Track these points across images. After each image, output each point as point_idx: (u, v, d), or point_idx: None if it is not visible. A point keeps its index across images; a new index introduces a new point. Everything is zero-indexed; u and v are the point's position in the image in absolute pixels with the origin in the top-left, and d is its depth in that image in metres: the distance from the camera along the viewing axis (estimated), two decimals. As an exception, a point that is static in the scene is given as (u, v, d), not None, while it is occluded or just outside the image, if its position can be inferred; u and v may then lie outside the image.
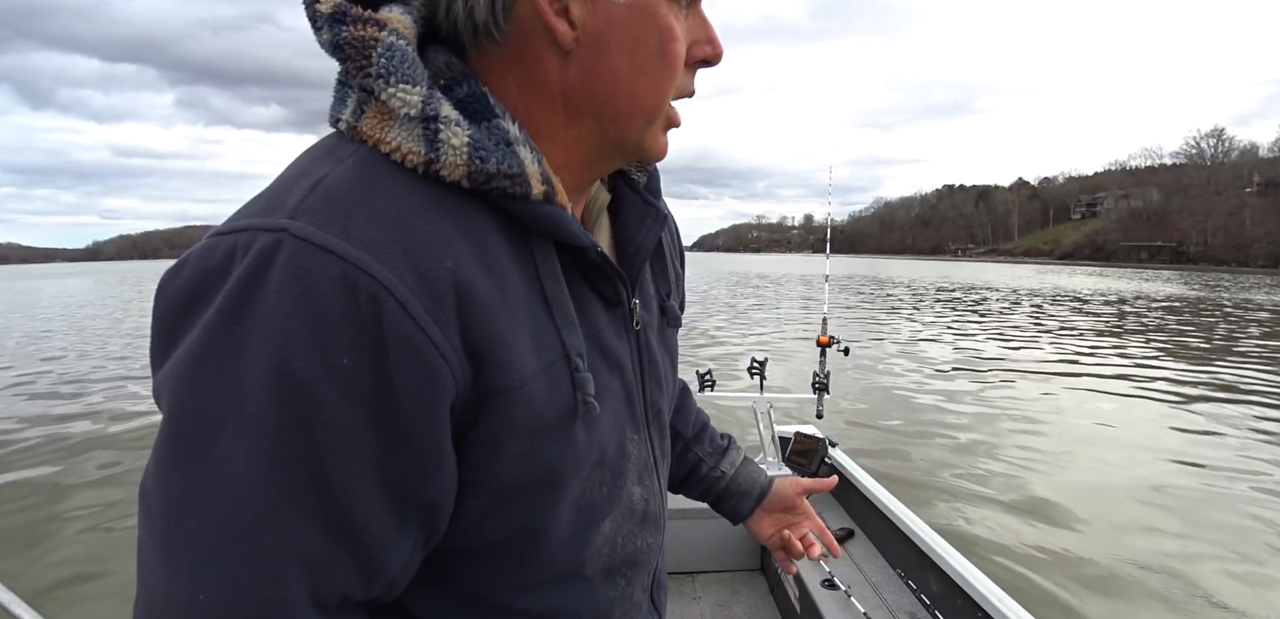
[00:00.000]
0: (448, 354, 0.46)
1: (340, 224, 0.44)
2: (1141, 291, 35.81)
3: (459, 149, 0.48)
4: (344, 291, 0.42)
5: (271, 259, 0.43)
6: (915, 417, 8.02)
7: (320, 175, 0.47)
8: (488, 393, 0.49)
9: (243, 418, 0.42)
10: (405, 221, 0.46)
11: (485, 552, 0.55)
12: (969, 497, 5.52)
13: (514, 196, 0.50)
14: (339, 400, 0.43)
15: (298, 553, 0.44)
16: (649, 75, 0.54)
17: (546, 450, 0.53)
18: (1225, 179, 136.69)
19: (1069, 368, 11.68)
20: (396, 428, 0.45)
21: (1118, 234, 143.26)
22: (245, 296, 0.42)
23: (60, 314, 23.66)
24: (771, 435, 3.60)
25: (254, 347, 0.42)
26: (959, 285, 38.89)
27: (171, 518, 0.44)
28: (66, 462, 6.47)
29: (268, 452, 0.43)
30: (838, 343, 3.51)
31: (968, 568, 2.18)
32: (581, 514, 0.58)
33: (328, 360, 0.42)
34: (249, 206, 0.47)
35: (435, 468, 0.48)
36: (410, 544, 0.50)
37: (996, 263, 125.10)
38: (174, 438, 0.44)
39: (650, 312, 0.69)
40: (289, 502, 0.43)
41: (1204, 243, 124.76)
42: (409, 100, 0.48)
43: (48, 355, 13.52)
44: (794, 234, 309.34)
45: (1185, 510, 5.31)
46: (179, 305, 0.45)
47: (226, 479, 0.43)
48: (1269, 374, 11.23)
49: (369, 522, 0.47)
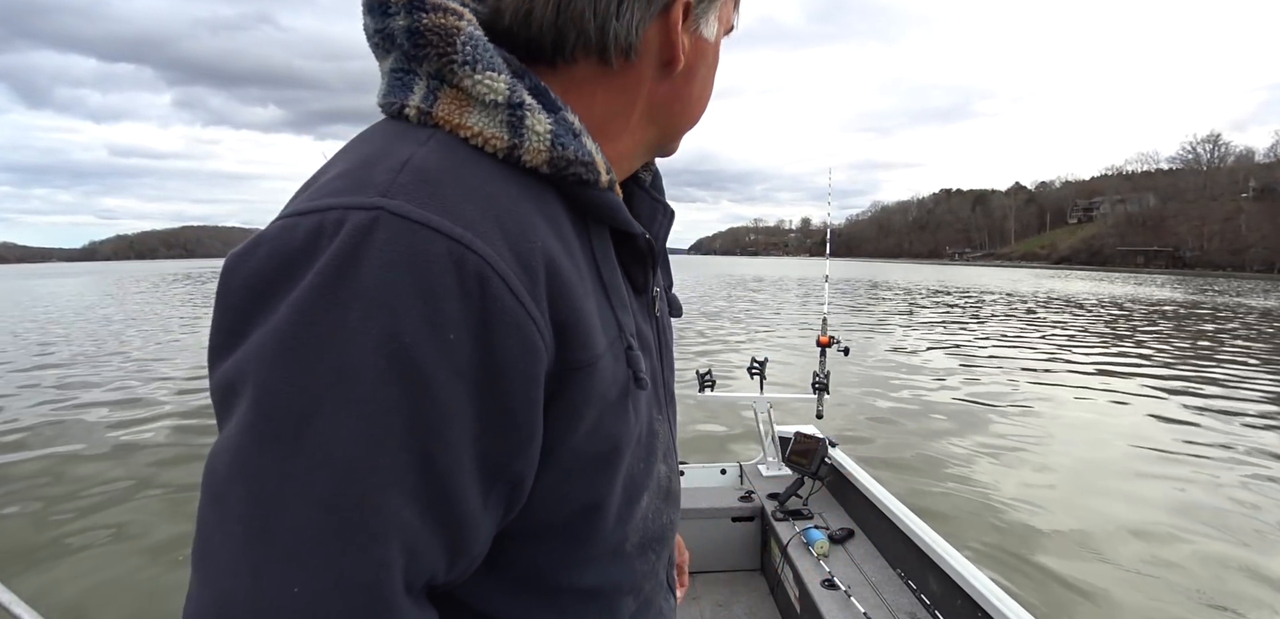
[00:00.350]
0: (543, 329, 0.47)
1: (438, 202, 0.44)
2: (1136, 296, 35.90)
3: (542, 136, 0.51)
4: (450, 268, 0.43)
5: (369, 236, 0.42)
6: (915, 417, 8.03)
7: (406, 155, 0.47)
8: (569, 367, 0.50)
9: (346, 396, 0.41)
10: (497, 201, 0.47)
11: (547, 531, 0.56)
12: (969, 496, 5.53)
13: (585, 183, 0.53)
14: (446, 376, 0.43)
15: (400, 535, 0.43)
16: (706, 97, 0.65)
17: (610, 425, 0.55)
18: (1221, 184, 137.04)
19: (1065, 369, 11.71)
20: (498, 402, 0.45)
21: (1114, 239, 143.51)
22: (343, 273, 0.41)
23: (62, 312, 23.59)
24: (771, 435, 3.61)
25: (356, 323, 0.41)
26: (956, 289, 38.95)
27: (261, 508, 0.41)
28: (66, 461, 6.45)
29: (374, 430, 0.41)
30: (838, 343, 3.52)
31: (968, 568, 2.18)
32: (627, 490, 0.60)
33: (436, 336, 0.42)
34: (326, 187, 0.46)
35: (529, 441, 0.49)
36: (491, 522, 0.51)
37: (993, 267, 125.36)
38: (263, 422, 0.41)
39: (661, 301, 0.73)
40: (395, 481, 0.42)
41: (1200, 248, 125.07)
42: (495, 87, 0.50)
43: (47, 357, 13.47)
44: (791, 237, 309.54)
45: (1182, 507, 5.32)
46: (257, 286, 0.43)
47: (329, 461, 0.41)
48: (1257, 373, 11.28)
49: (463, 498, 0.46)
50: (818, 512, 3.08)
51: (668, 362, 0.72)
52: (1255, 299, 36.09)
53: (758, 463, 3.63)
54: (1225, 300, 34.20)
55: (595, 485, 0.56)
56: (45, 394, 9.55)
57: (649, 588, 0.68)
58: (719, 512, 3.22)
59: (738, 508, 3.22)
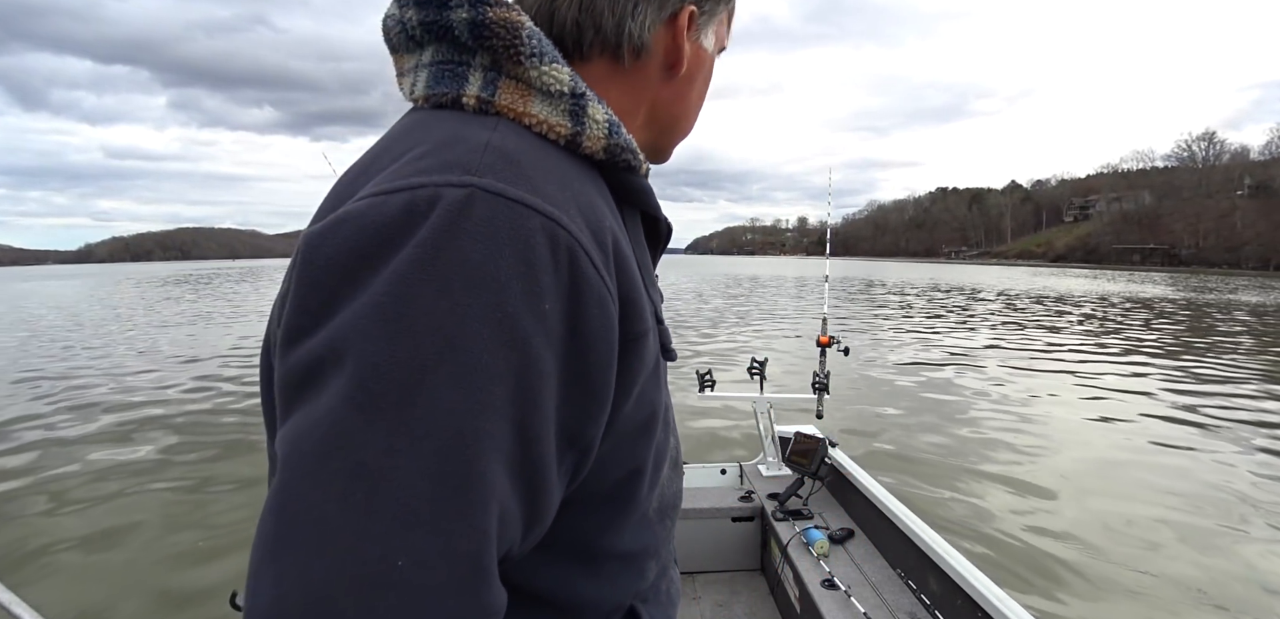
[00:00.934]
0: (617, 302, 0.50)
1: (527, 182, 0.46)
2: (1132, 293, 35.99)
3: (601, 124, 0.55)
4: (546, 243, 0.45)
5: (466, 212, 0.43)
6: (915, 417, 8.04)
7: (485, 138, 0.49)
8: (629, 338, 0.52)
9: (455, 366, 0.41)
10: (571, 183, 0.51)
11: (596, 498, 0.58)
12: (969, 496, 5.54)
13: (633, 169, 0.58)
14: (542, 345, 0.45)
15: (499, 504, 0.43)
16: (700, 104, 0.69)
17: (650, 393, 0.58)
18: (1216, 182, 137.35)
19: (1063, 366, 11.73)
20: (582, 372, 0.48)
21: (1110, 237, 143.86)
22: (442, 246, 0.42)
23: (62, 312, 23.52)
24: (771, 435, 3.61)
25: (460, 294, 0.42)
26: (954, 287, 39.01)
27: (364, 482, 0.39)
28: (66, 461, 6.43)
29: (480, 399, 0.42)
30: (837, 343, 3.53)
31: (968, 568, 2.19)
32: (656, 457, 0.63)
33: (535, 307, 0.44)
34: (410, 166, 0.47)
35: (603, 408, 0.51)
36: (562, 489, 0.52)
37: (990, 265, 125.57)
38: (364, 395, 0.40)
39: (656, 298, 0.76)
40: (495, 449, 0.43)
41: (1196, 245, 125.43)
42: (560, 77, 0.53)
43: (48, 357, 13.43)
44: (788, 237, 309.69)
45: (1178, 503, 5.34)
46: (344, 262, 0.43)
47: (436, 431, 0.41)
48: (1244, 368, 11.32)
49: (548, 465, 0.47)
50: (818, 512, 3.09)
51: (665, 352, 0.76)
52: (1250, 296, 36.20)
53: (758, 463, 3.63)
54: (1218, 297, 34.30)
55: (638, 451, 0.59)
56: (46, 394, 9.53)
57: (665, 553, 0.71)
58: (719, 512, 3.22)
59: (738, 508, 3.23)
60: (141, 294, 37.19)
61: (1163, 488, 5.83)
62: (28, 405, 8.97)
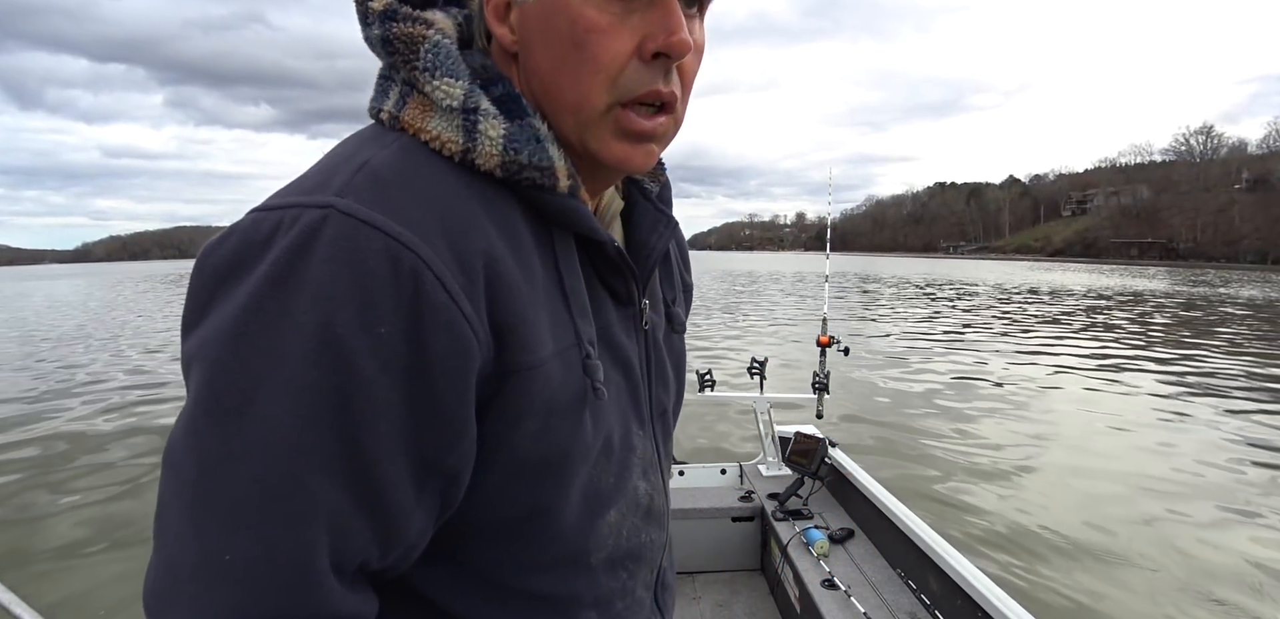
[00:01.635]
0: (477, 328, 0.48)
1: (384, 202, 0.46)
2: (1130, 287, 36.02)
3: (495, 140, 0.52)
4: (386, 263, 0.45)
5: (318, 232, 0.45)
6: (915, 416, 8.05)
7: (365, 158, 0.50)
8: (509, 369, 0.51)
9: (282, 379, 0.43)
10: (443, 203, 0.49)
11: (496, 530, 0.57)
12: (969, 495, 5.55)
13: (542, 188, 0.54)
14: (376, 367, 0.45)
15: (326, 515, 0.45)
16: (567, 70, 0.54)
17: (558, 432, 0.55)
18: (1214, 176, 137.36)
19: (1063, 361, 11.76)
20: (428, 396, 0.47)
21: (1108, 231, 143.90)
22: (291, 265, 0.44)
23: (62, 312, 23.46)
24: (771, 435, 3.61)
25: (298, 313, 0.44)
26: (951, 282, 39.01)
27: (204, 480, 0.44)
28: (67, 460, 6.43)
29: (305, 413, 0.44)
30: (837, 343, 3.53)
31: (968, 568, 2.19)
32: (588, 501, 0.60)
33: (368, 327, 0.44)
34: (294, 186, 0.49)
35: (459, 437, 0.50)
36: (426, 514, 0.52)
37: (988, 260, 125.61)
38: (211, 400, 0.44)
39: (658, 315, 0.71)
40: (322, 463, 0.45)
41: (1194, 239, 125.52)
42: (452, 93, 0.52)
43: (48, 357, 13.41)
44: (786, 232, 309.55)
45: (1176, 500, 5.35)
46: (220, 274, 0.46)
47: (264, 439, 0.44)
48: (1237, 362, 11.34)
49: (393, 488, 0.48)
50: (818, 512, 3.09)
51: (659, 376, 0.70)
52: (1245, 290, 36.22)
53: (758, 463, 3.63)
54: (1212, 291, 34.33)
55: (542, 491, 0.56)
56: (46, 394, 9.51)
57: (621, 606, 0.67)
58: (719, 512, 3.22)
59: (738, 508, 3.23)
60: (144, 292, 37.12)
61: (1161, 477, 5.84)
62: (29, 406, 8.96)
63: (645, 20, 0.53)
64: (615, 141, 0.56)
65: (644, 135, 0.56)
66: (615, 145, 0.56)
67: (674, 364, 0.76)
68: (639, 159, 0.57)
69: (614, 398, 0.62)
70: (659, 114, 0.57)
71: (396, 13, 0.54)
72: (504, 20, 0.56)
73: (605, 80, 0.54)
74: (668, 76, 0.56)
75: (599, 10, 0.52)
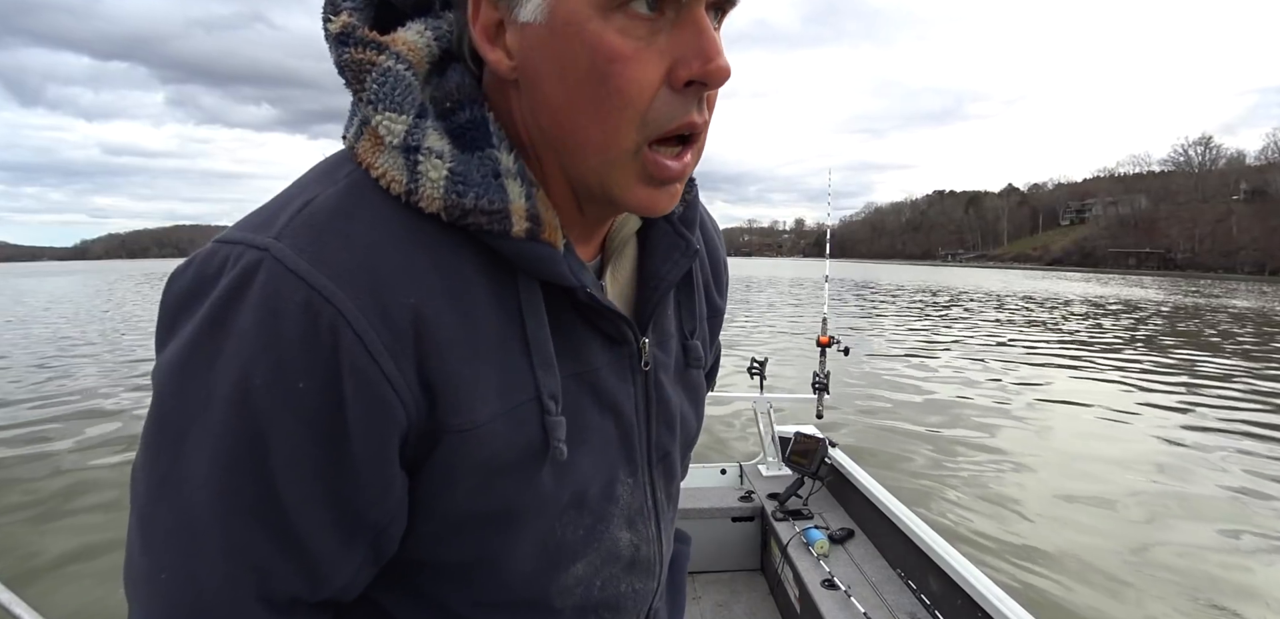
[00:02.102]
0: (401, 388, 0.46)
1: (315, 249, 0.45)
2: (1126, 296, 36.08)
3: (436, 182, 0.48)
4: (306, 318, 0.44)
5: (252, 277, 0.45)
6: (915, 416, 8.06)
7: (311, 196, 0.48)
8: (442, 429, 0.49)
9: (207, 424, 0.45)
10: (378, 251, 0.46)
11: (445, 570, 0.56)
12: (968, 496, 5.55)
13: (491, 232, 0.49)
14: (291, 421, 0.45)
15: (246, 555, 0.47)
16: (588, 104, 0.47)
17: (504, 489, 0.53)
18: (1212, 186, 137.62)
19: (1063, 364, 11.78)
20: (345, 453, 0.46)
21: (1106, 240, 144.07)
22: (225, 309, 0.45)
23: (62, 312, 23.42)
24: (771, 436, 3.62)
25: (225, 359, 0.44)
26: (949, 290, 39.06)
27: (148, 503, 0.47)
28: (68, 461, 6.41)
29: (224, 459, 0.45)
30: (837, 343, 3.54)
31: (968, 568, 2.19)
32: (547, 553, 0.57)
33: (285, 382, 0.44)
34: (250, 218, 0.49)
35: (382, 495, 0.49)
36: (358, 559, 0.51)
37: (986, 268, 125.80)
38: (156, 430, 0.47)
39: (666, 351, 0.66)
40: (240, 508, 0.46)
41: (1191, 250, 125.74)
42: (393, 129, 0.48)
43: (49, 356, 13.39)
44: (785, 238, 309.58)
45: (1172, 503, 5.36)
46: (178, 303, 0.47)
47: (189, 478, 0.45)
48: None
49: (315, 535, 0.48)
50: (818, 512, 3.10)
51: (661, 419, 0.65)
52: (1238, 301, 36.31)
53: (758, 463, 3.64)
54: (1206, 300, 34.40)
55: (488, 544, 0.55)
56: (47, 393, 9.49)
57: None
58: (719, 512, 3.23)
59: (738, 508, 3.23)
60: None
61: (1158, 486, 5.85)
62: (28, 405, 8.94)
63: (674, 42, 0.47)
64: (641, 186, 0.50)
65: (670, 178, 0.51)
66: (641, 191, 0.51)
67: (691, 401, 0.71)
68: (664, 203, 0.52)
69: (599, 447, 0.59)
70: (685, 152, 0.51)
71: (350, 36, 0.49)
72: (497, 43, 0.49)
73: (634, 116, 0.47)
74: (701, 105, 0.49)
75: (623, 35, 0.45)
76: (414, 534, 0.53)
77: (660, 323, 0.65)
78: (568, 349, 0.55)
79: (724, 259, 0.80)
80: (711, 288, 0.76)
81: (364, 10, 0.51)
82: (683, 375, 0.69)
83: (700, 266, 0.73)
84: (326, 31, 0.50)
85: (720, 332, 0.82)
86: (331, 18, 0.50)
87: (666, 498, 0.69)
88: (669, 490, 0.70)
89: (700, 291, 0.72)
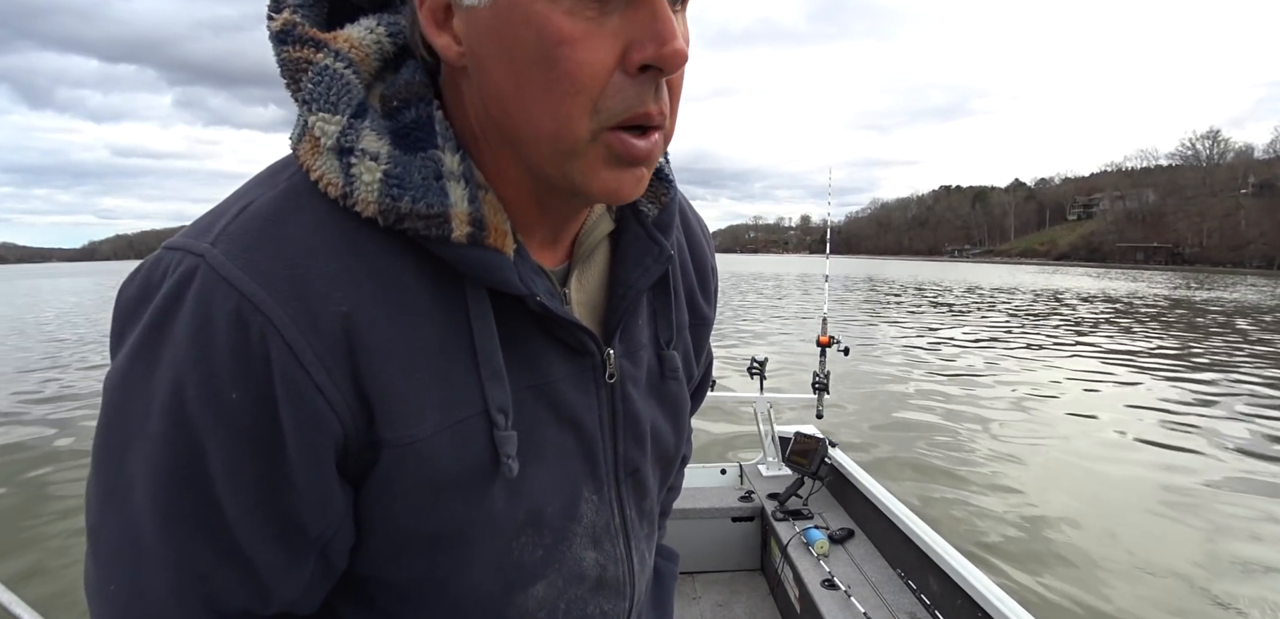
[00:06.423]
0: (333, 399, 0.45)
1: (247, 256, 0.44)
2: (1135, 291, 35.92)
3: (370, 185, 0.46)
4: (237, 327, 0.43)
5: (187, 284, 0.44)
6: (915, 416, 8.04)
7: (250, 200, 0.47)
8: (381, 442, 0.48)
9: (147, 434, 0.44)
10: (311, 257, 0.45)
11: (399, 588, 0.55)
12: (969, 495, 5.53)
13: (430, 238, 0.47)
14: (225, 432, 0.44)
15: (190, 566, 0.46)
16: (536, 91, 0.44)
17: (450, 508, 0.50)
18: (1220, 180, 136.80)
19: (1066, 363, 11.73)
20: (280, 464, 0.45)
21: (1113, 235, 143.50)
22: (165, 316, 0.44)
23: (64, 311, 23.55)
24: (771, 435, 3.61)
25: (162, 369, 0.44)
26: (956, 285, 38.95)
27: (97, 513, 0.48)
28: (68, 460, 6.45)
29: (163, 470, 0.44)
30: (838, 343, 3.53)
31: (968, 568, 2.18)
32: (505, 574, 0.55)
33: (217, 392, 0.43)
34: (195, 224, 0.48)
35: (321, 506, 0.48)
36: (307, 572, 0.50)
37: (993, 264, 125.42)
38: (103, 440, 0.47)
39: (637, 362, 0.62)
40: (180, 518, 0.45)
41: (1199, 244, 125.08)
42: (326, 130, 0.46)
43: (49, 356, 13.47)
44: (791, 235, 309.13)
45: (1173, 503, 5.33)
46: (126, 311, 0.47)
47: (131, 490, 0.45)
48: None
49: (257, 547, 0.47)
50: (818, 512, 3.09)
51: (629, 434, 0.62)
52: (1251, 294, 36.10)
53: (758, 463, 3.63)
54: (1207, 294, 34.21)
55: (437, 563, 0.52)
56: (48, 394, 9.55)
57: None
58: (719, 512, 3.22)
59: (738, 508, 3.23)
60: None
61: (1160, 486, 5.82)
62: (30, 406, 8.99)
63: (627, 24, 0.44)
64: (606, 170, 0.47)
65: (637, 159, 0.47)
66: (607, 175, 0.47)
67: (667, 415, 0.67)
68: (629, 187, 0.48)
69: (557, 462, 0.56)
70: (651, 131, 0.48)
71: (289, 34, 0.46)
72: (443, 28, 0.46)
73: (586, 103, 0.44)
74: (658, 93, 0.46)
75: (571, 16, 0.42)
76: (362, 550, 0.52)
77: (631, 332, 0.62)
78: (523, 360, 0.53)
79: (711, 263, 0.75)
80: (695, 294, 0.72)
81: (312, 7, 0.49)
82: (657, 387, 0.65)
83: (679, 272, 0.69)
84: (269, 29, 0.47)
85: (708, 339, 0.77)
86: (273, 15, 0.48)
87: (638, 514, 0.66)
88: (641, 507, 0.66)
89: (679, 298, 0.69)
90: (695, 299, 0.72)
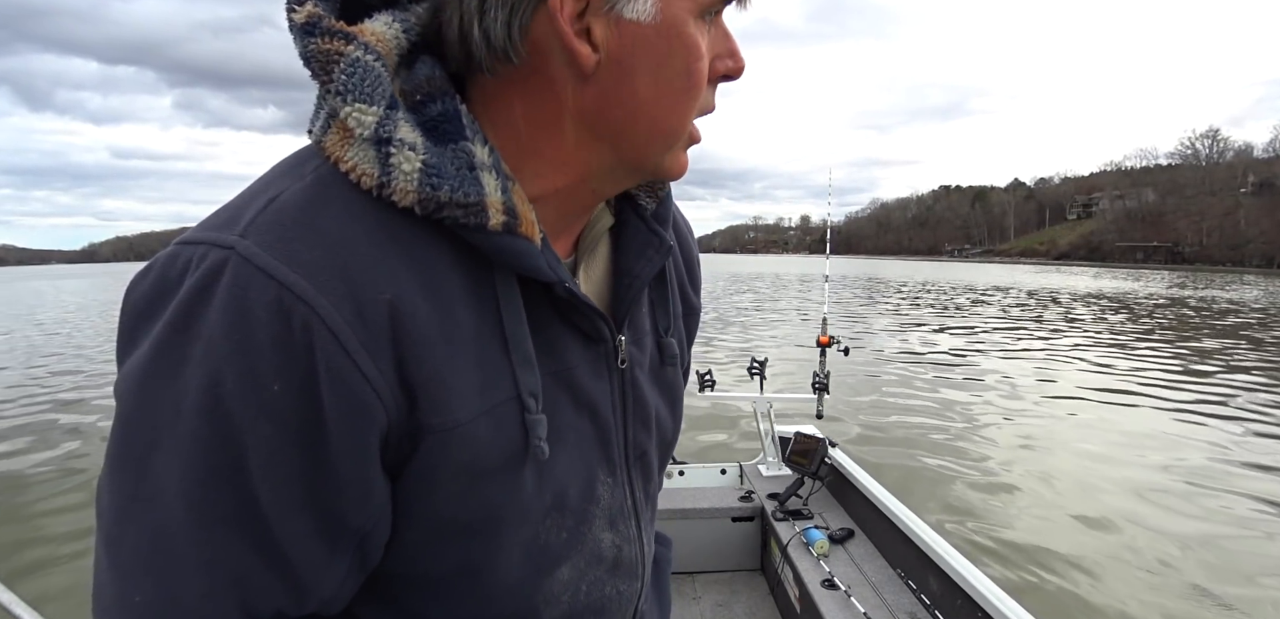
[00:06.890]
0: (379, 387, 0.45)
1: (284, 246, 0.44)
2: (1135, 290, 35.92)
3: (410, 175, 0.47)
4: (278, 317, 0.42)
5: (217, 277, 0.43)
6: (915, 416, 8.04)
7: (277, 192, 0.47)
8: (423, 429, 0.48)
9: (178, 434, 0.43)
10: (350, 246, 0.45)
11: (429, 582, 0.55)
12: (969, 495, 5.53)
13: (468, 226, 0.48)
14: (267, 426, 0.43)
15: (226, 568, 0.45)
16: (674, 98, 0.51)
17: (487, 493, 0.52)
18: (1220, 179, 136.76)
19: (1067, 363, 11.73)
20: (324, 456, 0.45)
21: (1113, 234, 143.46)
22: (191, 312, 0.43)
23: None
24: (771, 436, 3.61)
25: (193, 365, 0.42)
26: (955, 285, 38.95)
27: (116, 523, 0.45)
28: (69, 459, 6.45)
29: (199, 469, 0.43)
30: (838, 343, 3.53)
31: (968, 568, 2.19)
32: (533, 559, 0.56)
33: (258, 385, 0.42)
34: (212, 218, 0.47)
35: (364, 498, 0.48)
36: (343, 568, 0.50)
37: (993, 263, 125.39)
38: (121, 445, 0.45)
39: (642, 349, 0.66)
40: (218, 519, 0.44)
41: (1199, 243, 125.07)
42: (364, 120, 0.46)
43: (50, 356, 13.47)
44: (791, 235, 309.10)
45: (1173, 504, 5.33)
46: (139, 310, 0.45)
47: (161, 492, 0.44)
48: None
49: (297, 543, 0.47)
50: (818, 512, 3.09)
51: (638, 418, 0.65)
52: (1251, 291, 36.11)
53: (758, 463, 3.63)
54: (1200, 292, 34.22)
55: (471, 551, 0.53)
56: (49, 393, 9.55)
57: None
58: (719, 512, 3.22)
59: (738, 508, 3.23)
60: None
61: (1162, 485, 5.82)
62: (30, 405, 9.00)
63: (712, 42, 0.53)
64: (683, 156, 0.56)
65: (696, 143, 0.57)
66: (682, 159, 0.56)
67: (667, 401, 0.70)
68: (686, 166, 0.57)
69: (576, 446, 0.58)
70: None
71: (316, 27, 0.47)
72: (583, 37, 0.49)
73: (697, 106, 0.53)
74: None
75: (700, 33, 0.51)
76: (399, 542, 0.52)
77: (635, 320, 0.65)
78: (544, 346, 0.55)
79: (697, 256, 0.80)
80: (686, 285, 0.76)
81: (329, 1, 0.50)
82: (658, 374, 0.68)
83: (673, 264, 0.73)
84: (291, 22, 0.48)
85: (696, 330, 0.81)
86: (296, 8, 0.48)
87: (645, 498, 0.68)
88: (647, 490, 0.69)
89: (674, 289, 0.72)
90: (686, 290, 0.76)
